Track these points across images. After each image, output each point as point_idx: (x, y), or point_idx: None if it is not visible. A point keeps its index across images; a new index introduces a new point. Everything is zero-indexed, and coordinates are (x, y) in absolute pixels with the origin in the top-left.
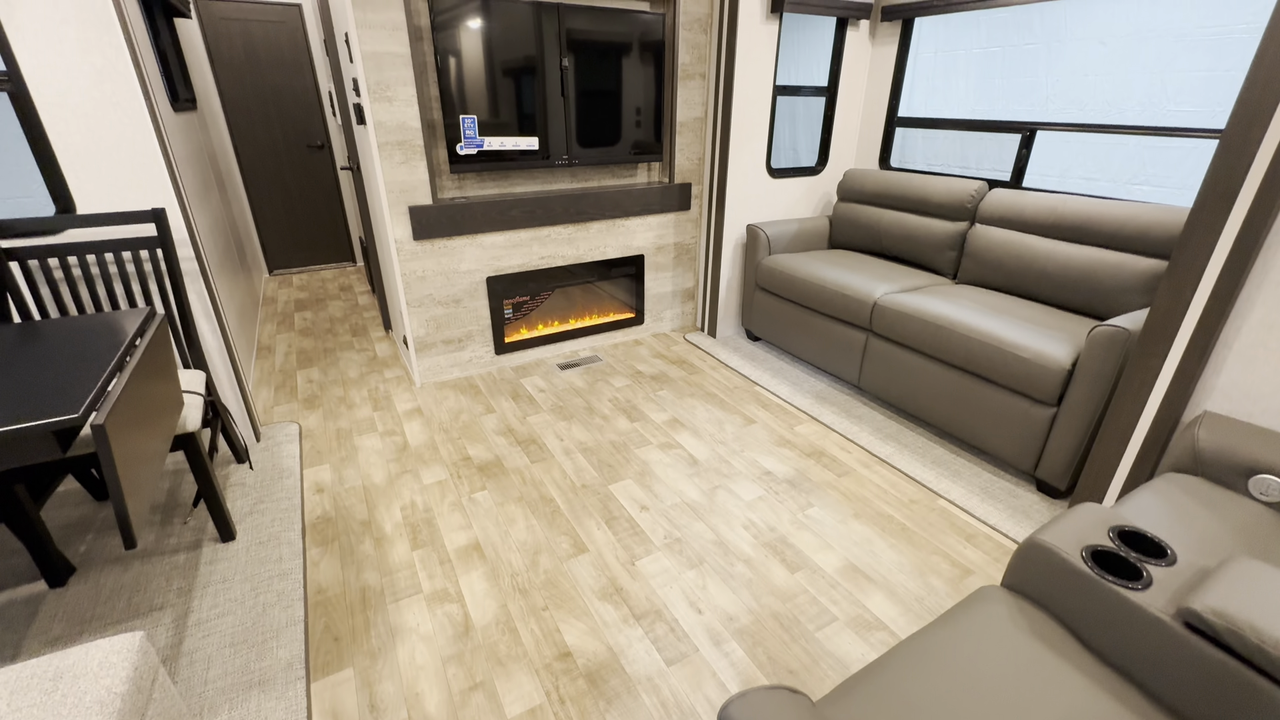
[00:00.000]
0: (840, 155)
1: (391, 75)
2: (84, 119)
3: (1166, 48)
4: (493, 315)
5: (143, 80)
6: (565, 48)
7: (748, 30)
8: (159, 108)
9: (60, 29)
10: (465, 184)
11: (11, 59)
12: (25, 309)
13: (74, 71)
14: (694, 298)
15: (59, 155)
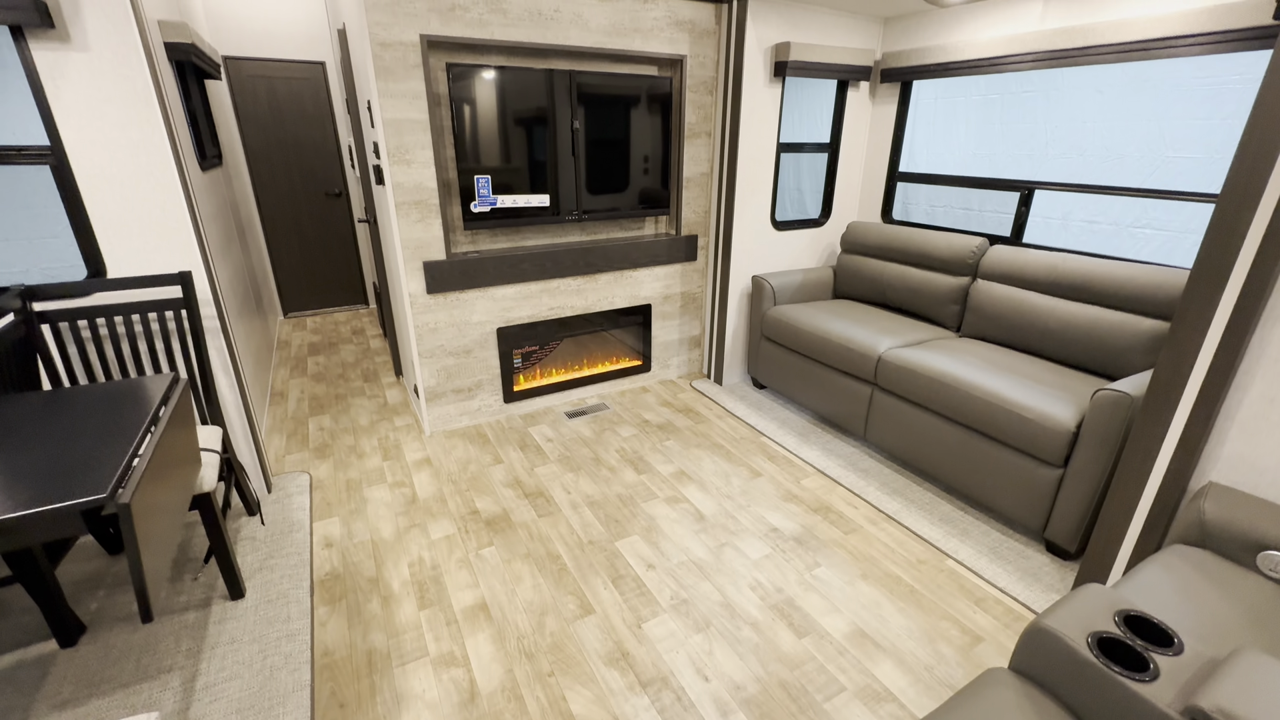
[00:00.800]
0: (843, 208)
1: (410, 140)
2: (119, 188)
3: (1163, 96)
4: (502, 364)
5: (175, 150)
6: (576, 110)
7: (752, 93)
8: (189, 172)
9: (103, 107)
10: (478, 239)
11: (56, 135)
12: (54, 370)
13: (113, 145)
14: (700, 345)
15: (94, 222)
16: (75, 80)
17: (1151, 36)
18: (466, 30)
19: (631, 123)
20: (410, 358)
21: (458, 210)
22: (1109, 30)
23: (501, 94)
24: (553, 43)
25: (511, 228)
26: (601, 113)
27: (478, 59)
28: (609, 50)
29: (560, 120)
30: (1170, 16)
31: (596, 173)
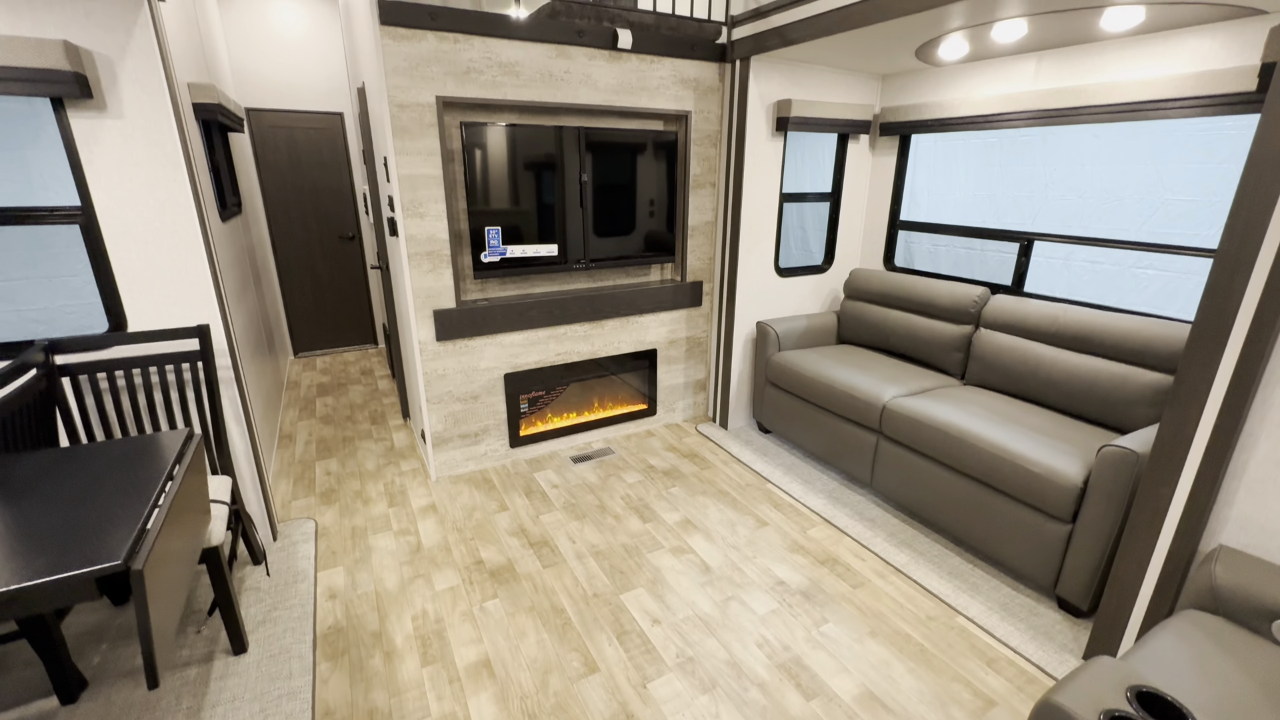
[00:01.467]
0: (846, 254)
1: (424, 194)
2: (143, 245)
3: (1159, 141)
4: (509, 409)
5: (199, 208)
6: (585, 162)
7: (754, 146)
8: (210, 226)
9: (132, 169)
10: (488, 287)
11: (87, 196)
12: (71, 422)
13: (140, 205)
14: (705, 388)
15: (117, 278)
16: (108, 145)
17: (1141, 99)
18: (480, 91)
19: (638, 174)
20: (418, 403)
21: (468, 260)
22: (1100, 92)
23: (512, 148)
24: (563, 101)
25: (520, 276)
26: (609, 164)
27: (490, 117)
28: (617, 107)
29: (569, 172)
30: (1159, 80)
31: (604, 222)
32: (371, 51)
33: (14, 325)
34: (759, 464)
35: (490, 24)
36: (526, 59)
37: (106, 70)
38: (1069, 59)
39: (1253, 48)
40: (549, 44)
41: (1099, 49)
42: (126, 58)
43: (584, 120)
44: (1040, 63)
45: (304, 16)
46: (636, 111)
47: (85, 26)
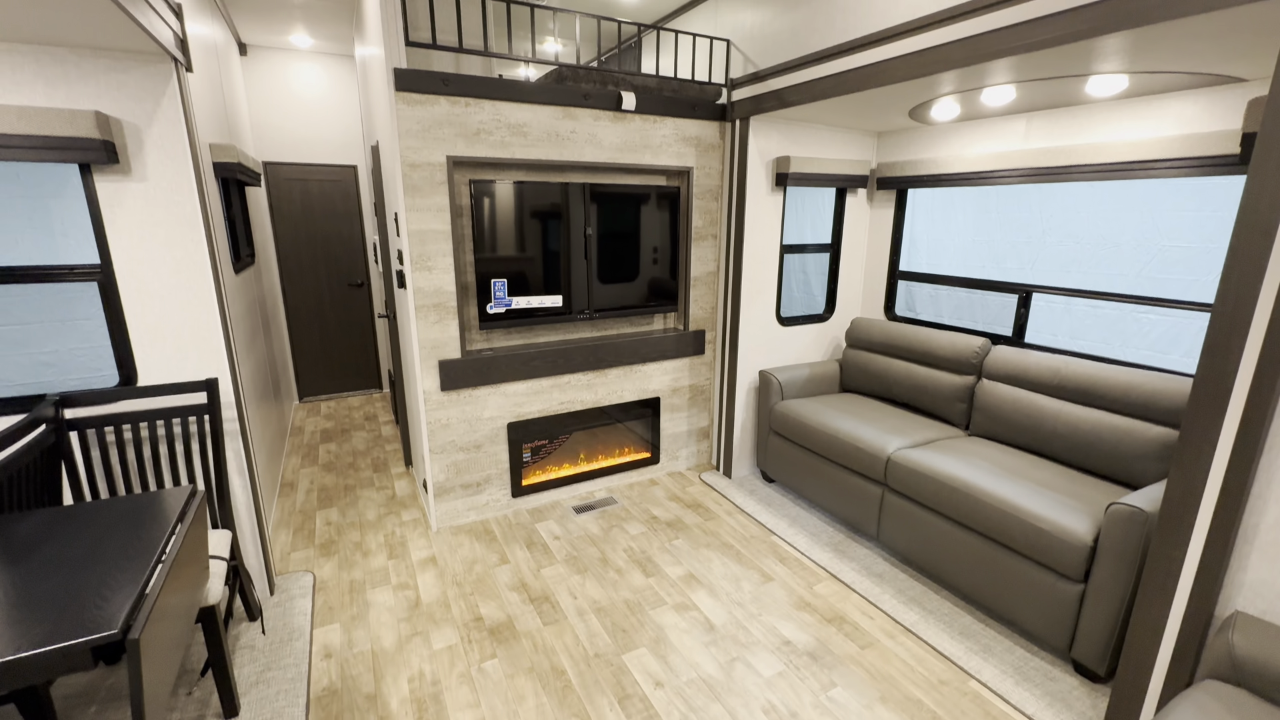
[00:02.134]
0: (847, 303)
1: (433, 248)
2: (158, 301)
3: (1153, 190)
4: (511, 459)
5: (214, 265)
6: (589, 216)
7: (755, 200)
8: (223, 281)
9: (152, 229)
10: (493, 337)
11: (107, 254)
12: (76, 476)
13: (157, 262)
14: (709, 436)
15: (131, 333)
16: (130, 206)
17: (1129, 159)
18: (490, 151)
19: (641, 228)
20: (421, 453)
21: (474, 310)
22: (1089, 152)
23: (519, 203)
24: (569, 159)
25: (525, 326)
26: (613, 218)
27: (499, 175)
28: (621, 164)
29: (574, 226)
30: (1146, 142)
31: (608, 273)
32: (386, 114)
33: (25, 368)
34: (763, 515)
35: (500, 88)
36: (534, 120)
37: (134, 137)
38: (1058, 120)
39: (1234, 112)
40: (556, 106)
41: (1087, 111)
42: (154, 125)
43: (589, 176)
44: (1030, 123)
45: (323, 75)
46: (640, 168)
47: (116, 98)
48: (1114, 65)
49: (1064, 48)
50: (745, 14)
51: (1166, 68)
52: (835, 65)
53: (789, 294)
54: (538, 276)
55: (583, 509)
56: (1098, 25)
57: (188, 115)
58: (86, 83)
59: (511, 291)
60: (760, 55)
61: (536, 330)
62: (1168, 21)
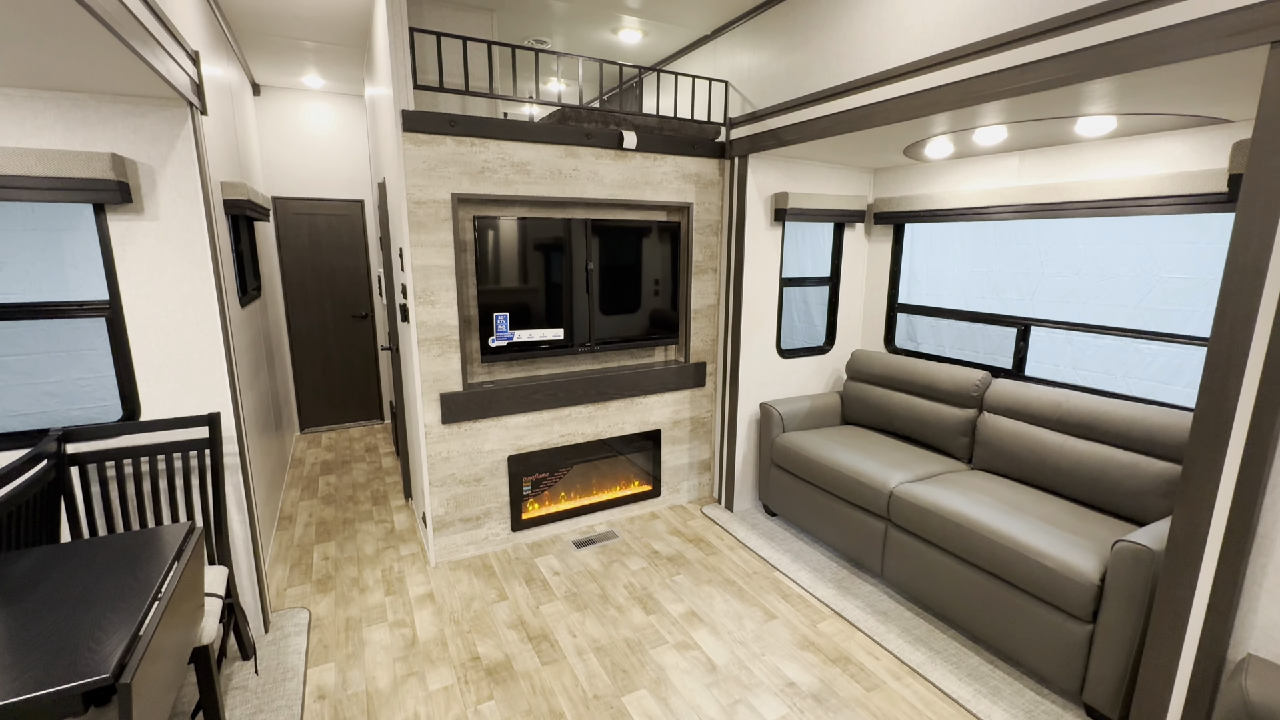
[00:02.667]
0: (848, 335)
1: (436, 283)
2: (165, 336)
3: (1150, 222)
4: (511, 492)
5: (221, 301)
6: (591, 251)
7: (754, 235)
8: (229, 316)
9: (162, 266)
10: (494, 370)
11: (116, 291)
12: (74, 511)
13: (164, 299)
14: (710, 469)
15: (136, 368)
16: (141, 244)
17: (1120, 196)
18: (494, 188)
19: (643, 261)
20: (421, 486)
21: (476, 344)
22: (1081, 189)
23: (522, 239)
24: (571, 195)
25: (527, 359)
26: (615, 252)
27: (502, 211)
28: (622, 200)
29: (576, 260)
30: (1136, 180)
31: (609, 307)
32: (393, 153)
33: (29, 399)
34: (766, 549)
35: (504, 129)
36: (538, 159)
37: (147, 178)
38: (1050, 157)
39: (1221, 152)
40: (559, 145)
41: (1078, 149)
42: (167, 166)
43: (591, 212)
44: (1023, 160)
45: (333, 113)
46: (641, 204)
47: (133, 140)
48: (1102, 107)
49: (1052, 91)
50: (743, 56)
51: (1153, 110)
52: (830, 106)
53: (790, 326)
54: (540, 309)
55: (583, 543)
56: (1083, 71)
57: (200, 156)
58: (105, 126)
59: (514, 324)
60: (757, 96)
61: (538, 363)
62: (1151, 69)
